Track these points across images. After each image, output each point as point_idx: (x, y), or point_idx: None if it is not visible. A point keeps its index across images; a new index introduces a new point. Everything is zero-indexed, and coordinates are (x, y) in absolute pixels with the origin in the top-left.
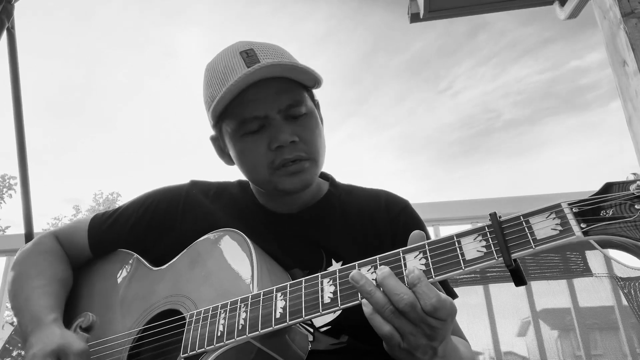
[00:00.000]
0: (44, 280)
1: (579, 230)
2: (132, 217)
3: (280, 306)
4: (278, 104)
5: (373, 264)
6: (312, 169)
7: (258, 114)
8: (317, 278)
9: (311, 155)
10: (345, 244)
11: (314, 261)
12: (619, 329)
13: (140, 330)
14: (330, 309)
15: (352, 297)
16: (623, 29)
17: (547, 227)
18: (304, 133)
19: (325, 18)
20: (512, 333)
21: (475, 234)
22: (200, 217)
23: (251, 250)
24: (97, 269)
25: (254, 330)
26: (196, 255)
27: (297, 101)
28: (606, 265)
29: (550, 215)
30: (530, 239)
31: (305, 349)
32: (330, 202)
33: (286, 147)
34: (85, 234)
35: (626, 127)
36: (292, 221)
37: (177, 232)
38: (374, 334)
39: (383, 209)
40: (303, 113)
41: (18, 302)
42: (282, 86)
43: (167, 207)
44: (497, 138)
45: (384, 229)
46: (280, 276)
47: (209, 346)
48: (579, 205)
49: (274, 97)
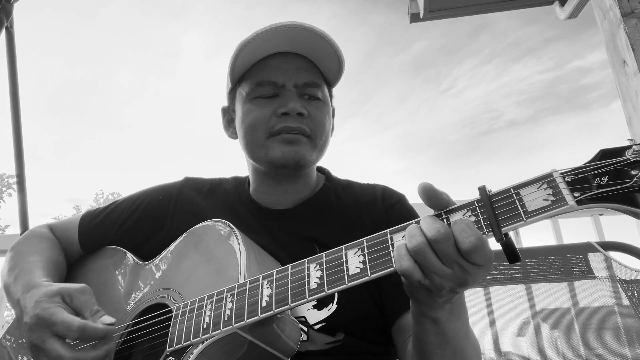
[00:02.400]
0: (39, 258)
1: (572, 200)
2: (123, 215)
3: (267, 294)
4: (296, 78)
5: (360, 246)
6: (309, 147)
7: (276, 80)
8: (304, 263)
9: (314, 134)
10: (339, 238)
11: (307, 256)
12: (619, 329)
13: (129, 325)
14: (317, 294)
15: (338, 281)
16: (623, 29)
17: (539, 197)
18: (314, 112)
19: (326, 18)
20: (512, 333)
21: (464, 210)
22: (191, 214)
23: (238, 240)
24: (87, 266)
25: (240, 320)
26: (183, 247)
27: (315, 83)
28: (608, 268)
29: (541, 185)
30: (521, 211)
31: (296, 340)
32: (326, 196)
33: (292, 116)
34: (76, 231)
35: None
36: (286, 216)
37: (167, 230)
38: (371, 330)
39: (379, 199)
40: (318, 97)
41: (11, 276)
42: (305, 65)
43: (158, 206)
44: (499, 138)
45: (379, 217)
46: (269, 266)
47: (194, 339)
48: (571, 174)
49: (294, 71)
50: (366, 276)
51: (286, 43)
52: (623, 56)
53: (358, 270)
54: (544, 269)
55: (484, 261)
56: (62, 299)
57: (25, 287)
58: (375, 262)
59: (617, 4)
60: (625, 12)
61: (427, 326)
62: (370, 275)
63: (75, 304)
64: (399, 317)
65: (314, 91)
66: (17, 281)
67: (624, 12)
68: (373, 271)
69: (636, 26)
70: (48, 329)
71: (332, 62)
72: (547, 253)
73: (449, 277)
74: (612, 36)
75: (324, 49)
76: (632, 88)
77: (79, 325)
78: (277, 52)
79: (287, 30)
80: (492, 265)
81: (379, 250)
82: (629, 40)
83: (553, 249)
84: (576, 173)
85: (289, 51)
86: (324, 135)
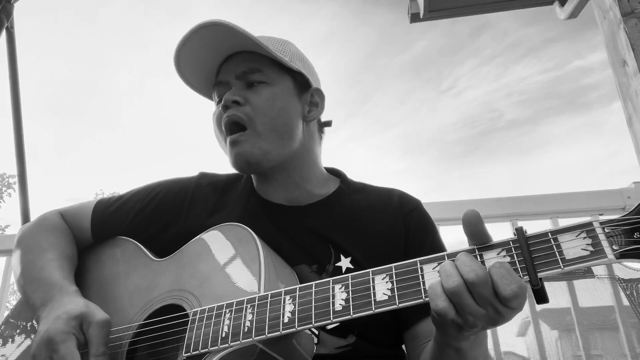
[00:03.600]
0: (56, 254)
1: (611, 253)
2: (137, 205)
3: (289, 310)
4: (235, 70)
5: (388, 273)
6: (252, 140)
7: (221, 79)
8: (329, 283)
9: (251, 120)
10: (354, 240)
11: (322, 255)
12: (619, 329)
13: (141, 324)
14: (342, 317)
15: (365, 307)
16: (623, 29)
17: (577, 246)
18: (252, 97)
19: (327, 19)
20: (512, 333)
21: (499, 249)
22: (207, 211)
23: (259, 249)
24: (97, 256)
25: (261, 334)
26: (201, 249)
27: (253, 68)
28: (607, 267)
29: (580, 234)
30: (559, 258)
31: (310, 352)
32: (340, 198)
33: (230, 107)
34: (89, 218)
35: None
36: (301, 214)
37: (181, 225)
38: (383, 333)
39: (396, 204)
40: (259, 80)
41: (30, 272)
42: (245, 56)
43: (174, 198)
44: (500, 138)
45: (396, 224)
46: (288, 276)
47: (212, 347)
48: (611, 226)
49: (234, 66)
50: (394, 304)
51: (210, 48)
52: (623, 56)
53: (386, 298)
54: None
55: (519, 305)
56: (79, 323)
57: (47, 293)
58: (403, 292)
59: (617, 4)
60: (625, 12)
61: (450, 353)
62: (398, 304)
63: (89, 334)
64: (414, 325)
65: (256, 76)
66: (38, 284)
67: (624, 12)
68: (401, 300)
69: (636, 26)
70: (50, 350)
71: (262, 47)
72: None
73: (482, 318)
74: (612, 36)
75: (245, 36)
76: (632, 88)
77: None
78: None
79: (200, 34)
80: None
81: (408, 279)
82: (629, 40)
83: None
84: (616, 225)
85: (224, 54)
86: (268, 117)
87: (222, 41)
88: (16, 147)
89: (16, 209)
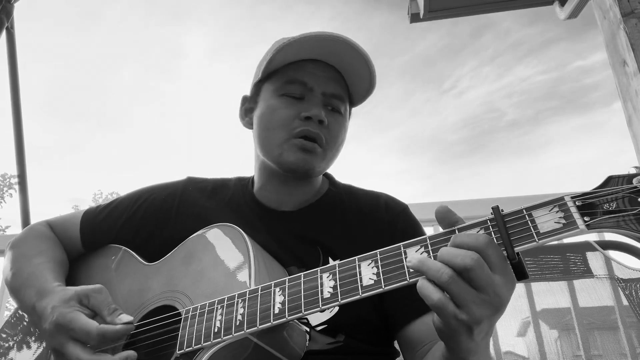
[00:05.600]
0: (45, 259)
1: (582, 224)
2: (125, 213)
3: (279, 301)
4: (325, 87)
5: (373, 259)
6: (321, 159)
7: (306, 82)
8: (317, 272)
9: (328, 145)
10: (343, 242)
11: (311, 259)
12: (618, 329)
13: (135, 326)
14: (330, 304)
15: (352, 292)
16: (623, 29)
17: (550, 220)
18: (333, 124)
19: (328, 19)
20: (512, 333)
21: (477, 227)
22: (195, 215)
23: (248, 245)
24: (90, 264)
25: (252, 326)
26: (191, 250)
27: (341, 96)
28: (606, 267)
29: (553, 208)
30: (534, 232)
31: (302, 346)
32: (330, 200)
33: (314, 122)
34: (78, 228)
35: None
36: (291, 218)
37: (170, 230)
38: (371, 332)
39: (382, 209)
40: (340, 110)
41: (18, 280)
42: (336, 77)
43: (162, 204)
44: (501, 138)
45: (382, 228)
46: (277, 272)
47: (205, 342)
48: (582, 199)
49: (325, 80)
50: (380, 288)
51: (324, 53)
52: (623, 56)
53: (372, 282)
54: (543, 268)
55: (512, 282)
56: (79, 301)
57: (39, 293)
58: (389, 275)
59: (617, 4)
60: (625, 12)
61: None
62: (384, 287)
63: (92, 304)
64: (405, 326)
65: (338, 104)
66: (28, 286)
67: (624, 12)
68: (387, 283)
69: (636, 26)
70: (67, 335)
71: (362, 83)
72: (546, 252)
73: (486, 303)
74: (612, 36)
75: (359, 68)
76: (632, 88)
77: (98, 332)
78: (313, 59)
79: (331, 40)
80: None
81: (393, 262)
82: (629, 40)
83: (552, 247)
84: (586, 198)
85: (325, 60)
86: (336, 148)
87: (336, 51)
88: (16, 148)
89: (17, 209)
